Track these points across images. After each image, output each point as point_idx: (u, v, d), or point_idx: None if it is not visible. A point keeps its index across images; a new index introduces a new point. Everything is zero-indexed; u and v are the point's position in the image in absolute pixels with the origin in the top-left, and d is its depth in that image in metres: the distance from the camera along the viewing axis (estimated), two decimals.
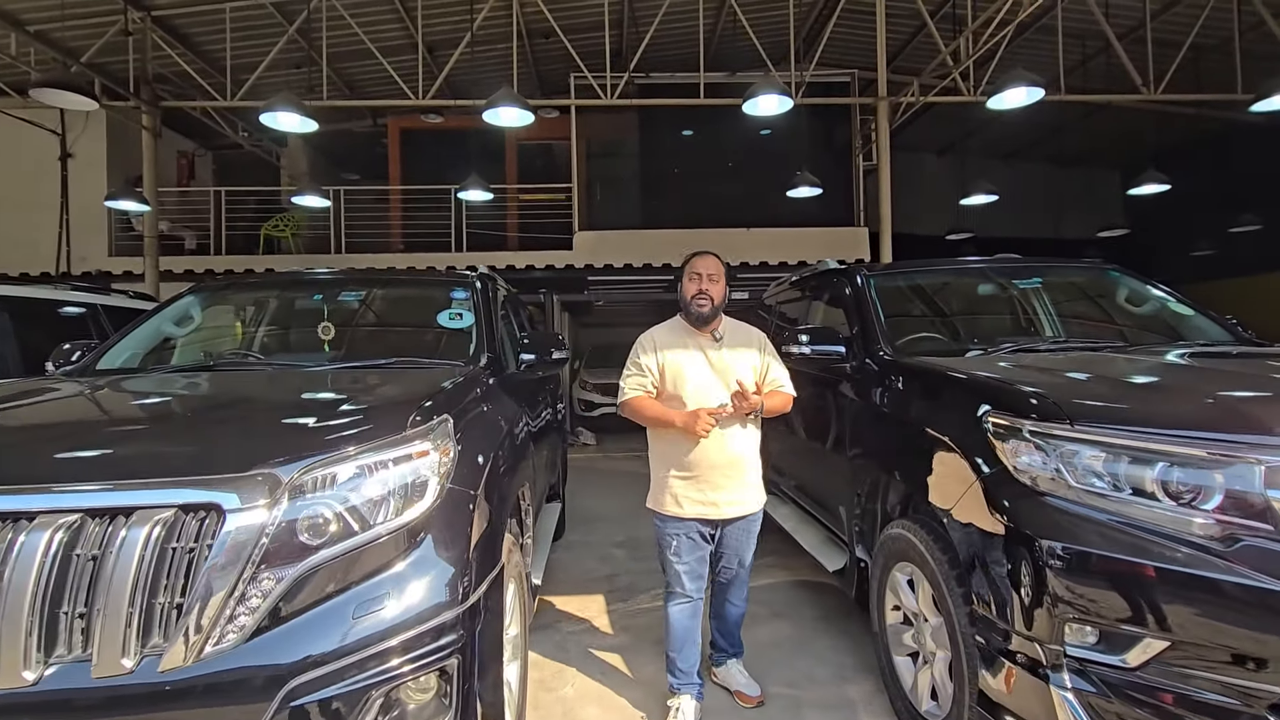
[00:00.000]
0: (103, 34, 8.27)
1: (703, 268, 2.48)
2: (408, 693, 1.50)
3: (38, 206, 9.60)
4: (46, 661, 1.30)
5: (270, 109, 5.75)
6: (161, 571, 1.37)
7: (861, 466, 2.94)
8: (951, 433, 2.14)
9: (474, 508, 1.78)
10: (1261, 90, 6.53)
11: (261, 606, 1.40)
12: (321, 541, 1.49)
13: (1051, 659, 1.66)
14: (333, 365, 2.63)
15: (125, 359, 2.80)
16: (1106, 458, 1.70)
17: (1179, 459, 1.61)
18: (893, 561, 2.50)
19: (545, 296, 10.55)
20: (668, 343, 2.52)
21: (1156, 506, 1.61)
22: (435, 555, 1.62)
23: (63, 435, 1.73)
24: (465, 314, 3.05)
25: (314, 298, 3.24)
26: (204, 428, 1.81)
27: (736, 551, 2.59)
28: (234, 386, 2.26)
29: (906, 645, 2.46)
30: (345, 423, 1.70)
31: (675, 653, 2.52)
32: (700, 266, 2.49)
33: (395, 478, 1.63)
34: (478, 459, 1.98)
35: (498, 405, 2.58)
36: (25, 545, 1.32)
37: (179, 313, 3.15)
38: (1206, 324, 3.10)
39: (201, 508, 1.41)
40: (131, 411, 2.02)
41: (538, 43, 10.33)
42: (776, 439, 4.44)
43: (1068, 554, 1.67)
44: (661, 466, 2.54)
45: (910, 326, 3.36)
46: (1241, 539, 1.50)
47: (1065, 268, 3.61)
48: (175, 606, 1.36)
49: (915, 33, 10.28)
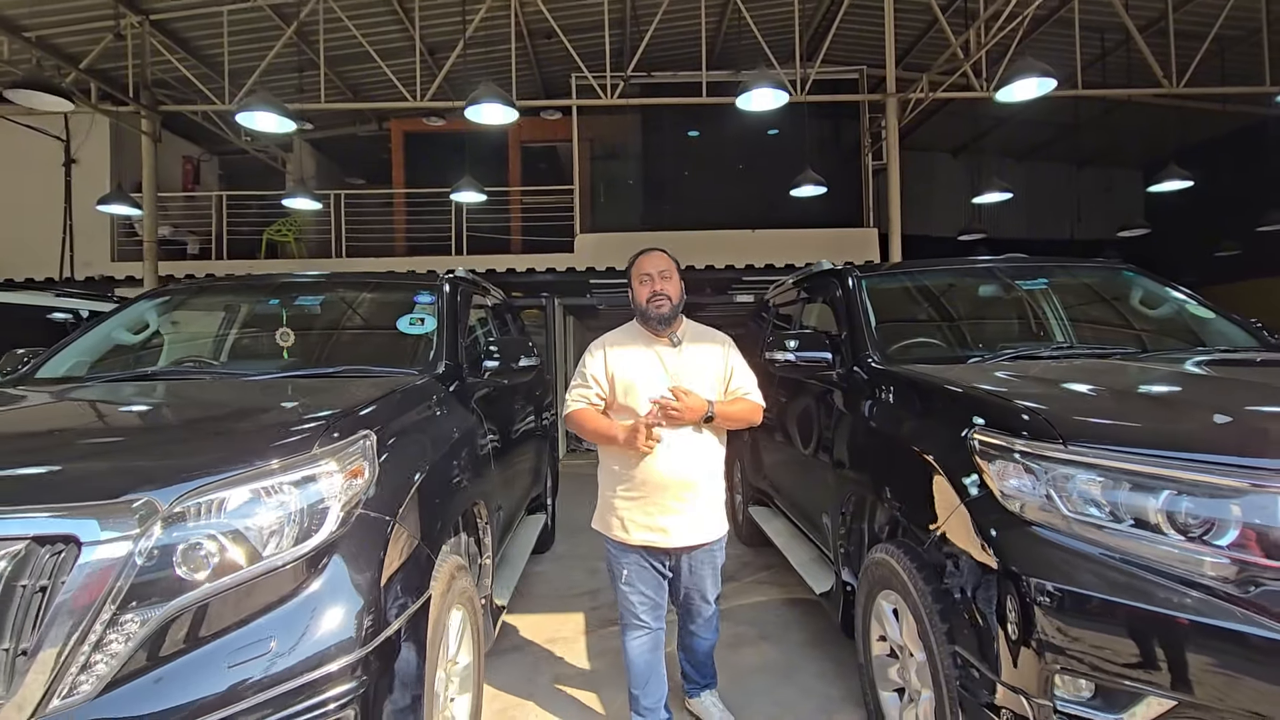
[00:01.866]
0: (101, 39, 8.27)
1: (651, 266, 2.25)
2: None
3: (42, 212, 9.64)
4: None
5: (247, 109, 5.64)
6: (8, 612, 1.20)
7: (848, 483, 2.72)
8: (934, 450, 1.92)
9: (390, 533, 1.60)
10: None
11: (122, 652, 1.23)
12: (200, 577, 1.32)
13: (1040, 716, 1.44)
14: (275, 375, 2.47)
15: (69, 367, 2.67)
16: (1105, 484, 1.48)
17: (1188, 486, 1.38)
18: (878, 588, 2.28)
19: (547, 300, 10.40)
20: (620, 350, 2.27)
21: (1162, 542, 1.38)
22: (336, 589, 1.44)
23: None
24: (428, 319, 2.88)
25: (271, 302, 3.09)
26: (82, 448, 1.64)
27: (697, 586, 2.32)
28: (149, 400, 2.10)
29: (892, 680, 2.24)
30: (244, 441, 1.53)
31: (638, 690, 2.30)
32: (649, 266, 2.25)
33: (295, 502, 1.45)
34: (408, 477, 1.81)
35: (451, 416, 2.41)
36: None
37: (132, 319, 3.02)
38: (1229, 328, 2.84)
39: (57, 539, 1.25)
40: (23, 427, 1.86)
41: (539, 43, 10.22)
42: (769, 451, 4.24)
43: (1059, 594, 1.45)
44: (607, 485, 2.31)
45: (905, 332, 3.14)
46: (1262, 583, 1.27)
47: (1075, 268, 3.37)
48: (21, 652, 1.19)
49: (926, 28, 10.02)
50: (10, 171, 9.61)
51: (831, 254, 10.51)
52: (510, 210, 11.07)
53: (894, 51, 8.86)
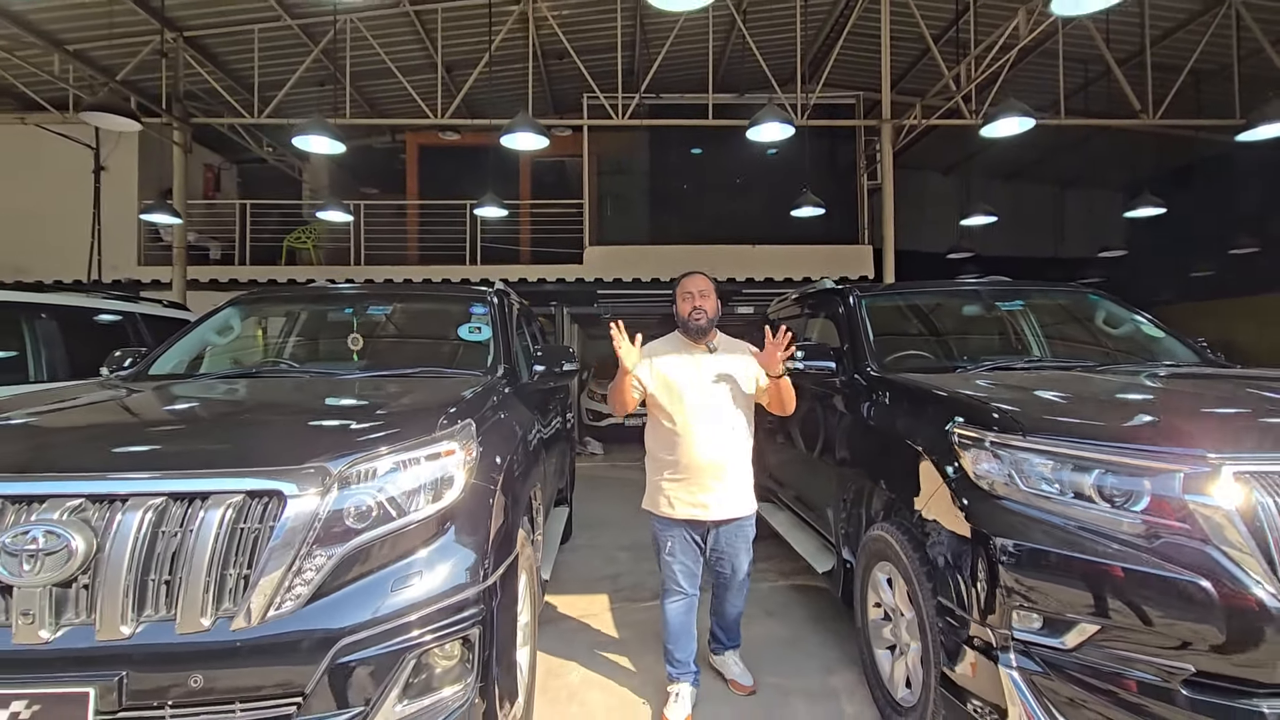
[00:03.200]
0: (137, 53, 8.67)
1: (693, 286, 2.70)
2: (435, 657, 1.73)
3: (71, 217, 10.00)
4: (139, 620, 1.55)
5: (303, 132, 6.07)
6: (232, 547, 1.61)
7: (849, 474, 3.15)
8: (924, 443, 2.36)
9: (493, 502, 2.02)
10: (1250, 119, 6.73)
11: (314, 579, 1.64)
12: (364, 526, 1.73)
13: (1001, 642, 1.87)
14: (364, 374, 2.89)
15: (174, 365, 3.08)
16: (1054, 465, 1.92)
17: (1114, 467, 1.83)
18: (874, 561, 2.71)
19: (555, 308, 10.82)
20: (663, 354, 2.71)
21: (1093, 508, 1.83)
22: (460, 541, 1.85)
23: (145, 429, 1.99)
24: (484, 328, 3.31)
25: (345, 310, 3.51)
26: (265, 426, 2.06)
27: (731, 557, 2.74)
28: (282, 390, 2.51)
29: (885, 639, 2.67)
30: (383, 424, 1.95)
31: (672, 645, 2.73)
32: (691, 285, 2.70)
33: (426, 473, 1.87)
34: (496, 459, 2.22)
35: (513, 412, 2.82)
36: (121, 523, 1.57)
37: (220, 323, 3.42)
38: (1177, 346, 3.31)
39: (266, 494, 1.66)
40: (200, 411, 2.28)
41: (552, 63, 10.67)
42: (774, 451, 4.67)
43: (1018, 550, 1.89)
44: (655, 470, 2.74)
45: (899, 345, 3.58)
46: (1162, 536, 1.71)
47: (1048, 290, 3.83)
48: (243, 577, 1.60)
49: (920, 56, 10.55)
50: (42, 178, 9.98)
51: (828, 269, 11.06)
52: (521, 222, 11.50)
53: (889, 79, 9.38)
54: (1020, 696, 1.81)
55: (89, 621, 1.53)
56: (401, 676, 1.65)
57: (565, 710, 2.77)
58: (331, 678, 1.58)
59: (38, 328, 4.35)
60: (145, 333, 5.28)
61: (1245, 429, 1.85)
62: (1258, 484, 1.67)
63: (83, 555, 1.54)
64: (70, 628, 1.53)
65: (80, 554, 1.54)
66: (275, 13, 8.67)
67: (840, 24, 10.23)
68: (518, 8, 9.07)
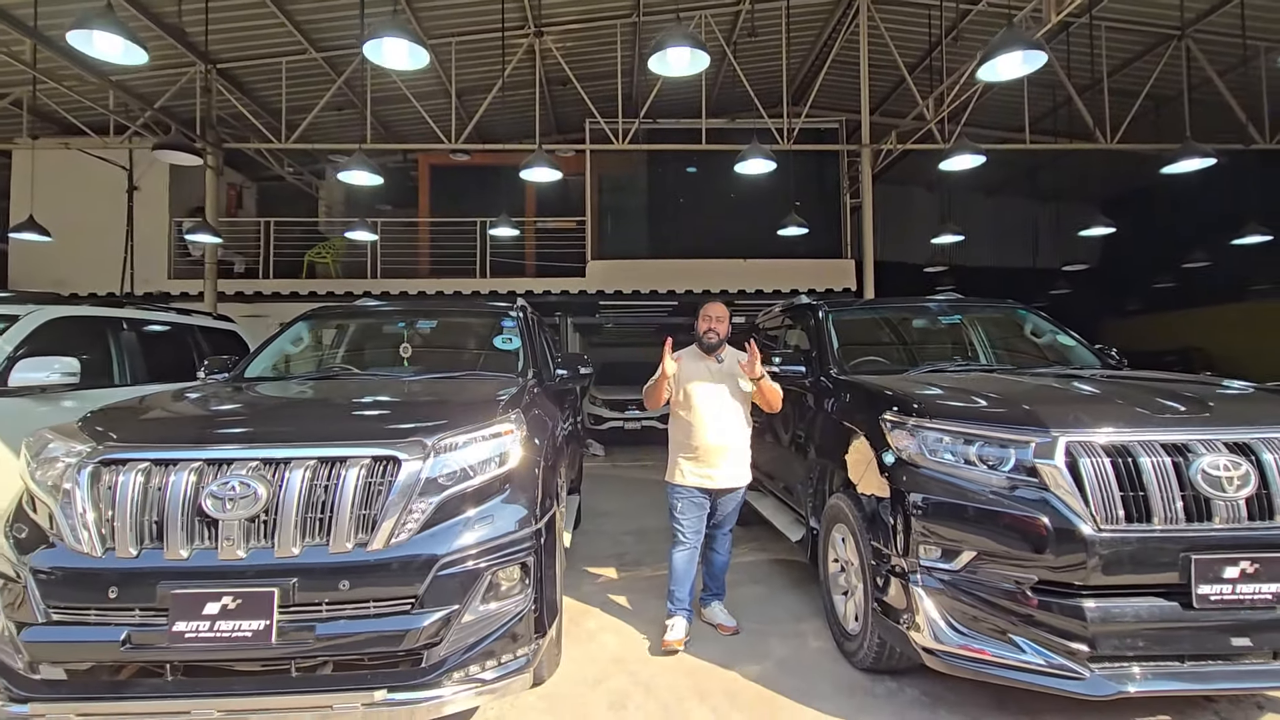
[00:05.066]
0: (175, 83, 9.38)
1: (713, 312, 3.52)
2: (501, 576, 2.41)
3: (107, 233, 10.68)
4: (303, 544, 2.23)
5: (346, 169, 6.79)
6: (364, 495, 2.30)
7: (816, 458, 3.85)
8: (864, 427, 3.07)
9: (538, 471, 2.71)
10: (1166, 156, 7.53)
11: (420, 519, 2.32)
12: (451, 483, 2.41)
13: (912, 569, 2.57)
14: (420, 376, 3.58)
15: (262, 370, 3.77)
16: (950, 440, 2.62)
17: (990, 441, 2.54)
18: (831, 524, 3.41)
19: (560, 318, 11.52)
20: (685, 362, 3.53)
21: (975, 470, 2.53)
22: (516, 497, 2.54)
23: (295, 414, 2.68)
24: (514, 338, 4.01)
25: (398, 324, 4.22)
26: (374, 409, 2.77)
27: (725, 516, 3.57)
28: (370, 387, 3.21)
29: (841, 586, 3.36)
30: (459, 411, 2.64)
31: (675, 586, 3.45)
32: (711, 311, 3.53)
33: (491, 447, 2.56)
34: (536, 441, 2.91)
35: (542, 407, 3.52)
36: (289, 479, 2.25)
37: (293, 335, 4.12)
38: (1084, 353, 4.03)
39: (386, 459, 2.35)
40: (325, 399, 2.99)
41: (556, 89, 11.43)
42: (761, 448, 5.36)
43: (924, 502, 2.59)
44: (675, 450, 3.54)
45: (860, 352, 4.29)
46: (1019, 488, 2.42)
47: (984, 306, 4.55)
48: (374, 516, 2.29)
49: (898, 84, 11.35)
50: (80, 197, 10.66)
51: (814, 282, 11.81)
52: (527, 237, 12.23)
53: (869, 105, 10.15)
54: (924, 606, 2.51)
55: (269, 545, 2.21)
56: (481, 587, 2.33)
57: (586, 647, 3.45)
58: (434, 585, 2.26)
59: (120, 338, 5.03)
60: (201, 341, 5.97)
61: (1078, 412, 2.55)
62: (1081, 449, 2.38)
63: (264, 499, 2.22)
64: (256, 549, 2.21)
65: (263, 499, 2.22)
66: (301, 46, 9.40)
67: (825, 53, 11.04)
68: (525, 40, 9.83)
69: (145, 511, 2.21)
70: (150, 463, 2.27)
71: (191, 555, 2.19)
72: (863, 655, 3.00)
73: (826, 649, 3.37)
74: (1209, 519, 2.29)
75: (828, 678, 3.06)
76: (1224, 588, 2.23)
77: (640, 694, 2.93)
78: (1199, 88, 10.45)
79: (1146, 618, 2.25)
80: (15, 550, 2.27)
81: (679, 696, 2.91)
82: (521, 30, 9.66)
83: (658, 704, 2.85)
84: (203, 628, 2.10)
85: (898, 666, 2.95)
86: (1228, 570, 2.24)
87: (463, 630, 2.27)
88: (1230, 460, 2.32)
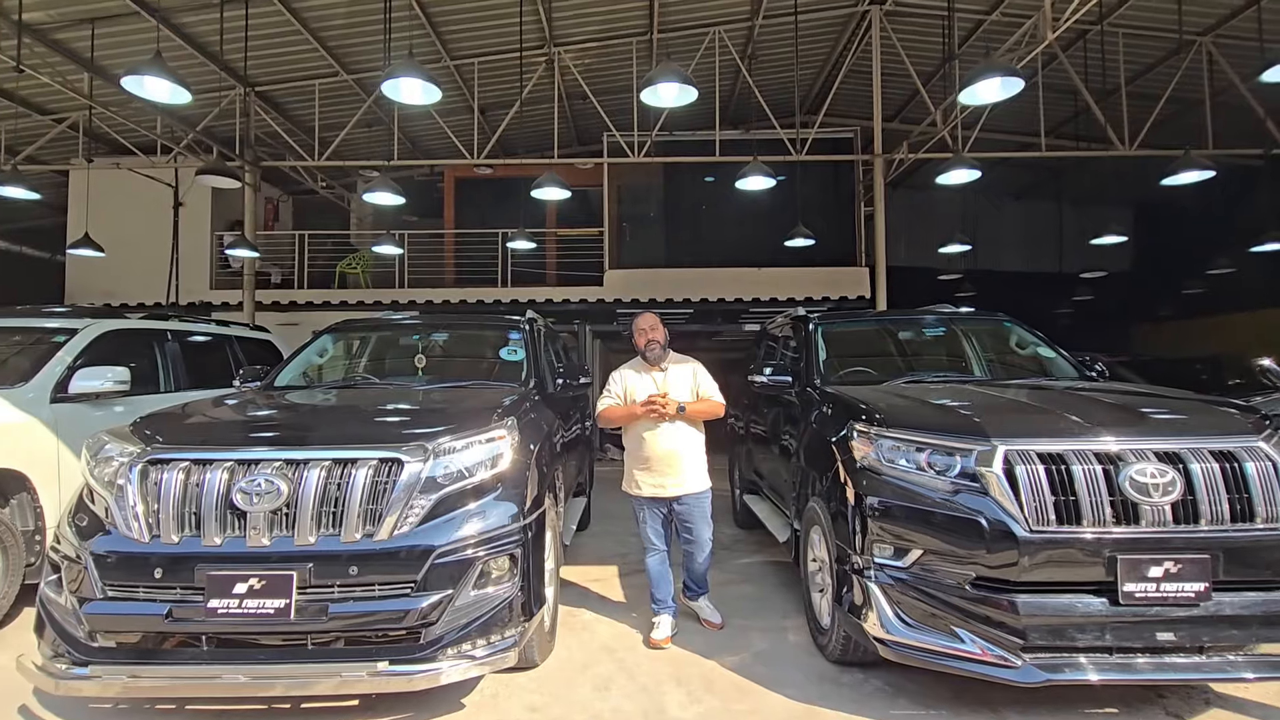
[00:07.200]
0: (216, 105, 9.98)
1: (644, 324, 3.70)
2: (491, 565, 2.71)
3: (154, 246, 11.37)
4: (318, 534, 2.55)
5: (371, 190, 7.23)
6: (372, 492, 2.62)
7: (801, 464, 4.07)
8: (835, 436, 3.30)
9: (529, 473, 3.01)
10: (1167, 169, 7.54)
11: (420, 514, 2.63)
12: (448, 482, 2.72)
13: (868, 566, 2.79)
14: (430, 385, 3.92)
15: (290, 379, 4.15)
16: (904, 448, 2.85)
17: (938, 449, 2.75)
18: (810, 526, 3.63)
19: (579, 326, 11.86)
20: (630, 375, 3.74)
21: (924, 475, 2.75)
22: (507, 495, 2.84)
23: (313, 420, 3.03)
24: (519, 350, 4.33)
25: (413, 337, 4.57)
26: (383, 417, 3.11)
27: (691, 524, 3.69)
28: (384, 395, 3.56)
29: (817, 584, 3.58)
30: (457, 417, 2.95)
31: (654, 588, 3.71)
32: (643, 324, 3.71)
33: (486, 450, 2.87)
34: (530, 446, 3.21)
35: (541, 414, 3.82)
36: (306, 477, 2.58)
37: (319, 347, 4.50)
38: (1063, 364, 4.19)
39: (390, 460, 2.66)
40: (341, 407, 3.34)
41: (575, 103, 11.79)
42: (757, 451, 5.60)
43: (881, 505, 2.82)
44: (629, 461, 3.74)
45: (846, 363, 4.51)
46: (961, 492, 2.63)
47: (969, 318, 4.72)
48: (380, 511, 2.60)
49: (912, 95, 11.43)
50: (129, 214, 11.37)
51: (828, 290, 11.93)
52: (547, 247, 12.61)
53: (881, 115, 10.29)
54: (877, 599, 2.73)
55: (289, 534, 2.55)
56: (473, 574, 2.63)
57: (580, 636, 3.73)
58: (432, 572, 2.57)
59: (165, 349, 5.48)
60: (239, 350, 6.42)
61: (1019, 422, 2.76)
62: (1018, 457, 2.58)
63: (286, 495, 2.56)
64: (279, 537, 2.55)
65: (284, 494, 2.56)
66: (333, 69, 9.92)
67: (840, 63, 11.19)
68: (544, 57, 10.20)
69: (186, 504, 2.57)
70: (190, 462, 2.63)
71: (224, 542, 2.53)
72: (832, 648, 3.22)
73: (803, 643, 3.59)
74: (1136, 522, 2.48)
75: (800, 668, 3.29)
76: (1149, 586, 2.42)
77: (624, 678, 3.20)
78: (1223, 92, 10.34)
79: (1075, 612, 2.45)
80: (77, 536, 2.64)
81: (658, 681, 3.17)
82: (540, 49, 10.04)
83: (637, 686, 3.11)
84: (233, 605, 2.44)
85: (864, 659, 3.16)
86: (1152, 570, 2.42)
87: (456, 612, 2.58)
88: (1158, 468, 2.50)
